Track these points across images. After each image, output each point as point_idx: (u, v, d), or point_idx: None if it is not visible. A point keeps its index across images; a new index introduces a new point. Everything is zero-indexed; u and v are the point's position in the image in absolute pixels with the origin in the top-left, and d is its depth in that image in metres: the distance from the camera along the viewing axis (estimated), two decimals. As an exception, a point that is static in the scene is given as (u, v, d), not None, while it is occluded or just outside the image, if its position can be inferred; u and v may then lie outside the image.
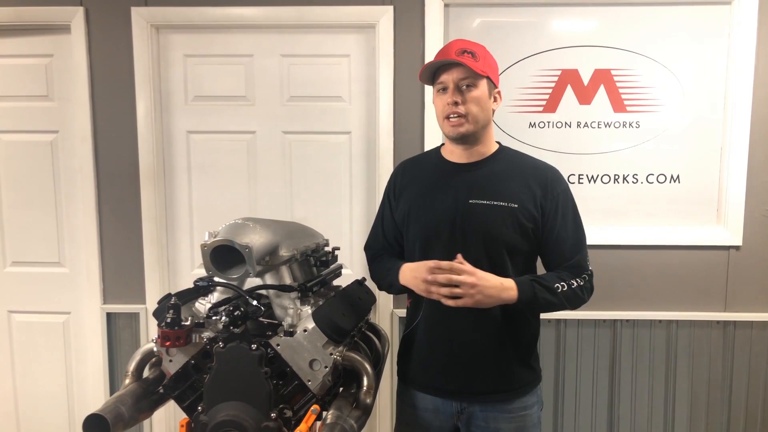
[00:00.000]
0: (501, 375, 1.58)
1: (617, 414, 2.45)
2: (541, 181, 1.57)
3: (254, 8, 2.33)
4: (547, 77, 2.34)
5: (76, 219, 2.48)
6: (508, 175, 1.58)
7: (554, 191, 1.57)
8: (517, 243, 1.54)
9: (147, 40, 2.35)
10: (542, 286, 1.50)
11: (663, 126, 2.34)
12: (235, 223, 1.39)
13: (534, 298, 1.49)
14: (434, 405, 1.62)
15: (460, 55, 1.51)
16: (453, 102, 1.52)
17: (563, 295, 1.51)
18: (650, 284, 2.39)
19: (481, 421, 1.59)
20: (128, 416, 1.30)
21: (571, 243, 1.57)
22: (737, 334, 2.41)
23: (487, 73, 1.53)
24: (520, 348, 1.60)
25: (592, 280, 1.58)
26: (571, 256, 1.56)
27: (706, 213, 2.38)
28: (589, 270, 1.57)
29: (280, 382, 1.31)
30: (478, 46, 1.56)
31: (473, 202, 1.55)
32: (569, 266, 1.56)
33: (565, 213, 1.57)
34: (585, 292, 1.56)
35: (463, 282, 1.42)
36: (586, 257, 1.58)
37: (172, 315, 1.27)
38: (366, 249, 1.83)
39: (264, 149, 2.45)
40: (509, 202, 1.54)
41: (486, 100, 1.54)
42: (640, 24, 2.30)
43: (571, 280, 1.53)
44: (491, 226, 1.53)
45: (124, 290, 2.47)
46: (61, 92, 2.44)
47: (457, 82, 1.51)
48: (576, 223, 1.59)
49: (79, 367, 2.57)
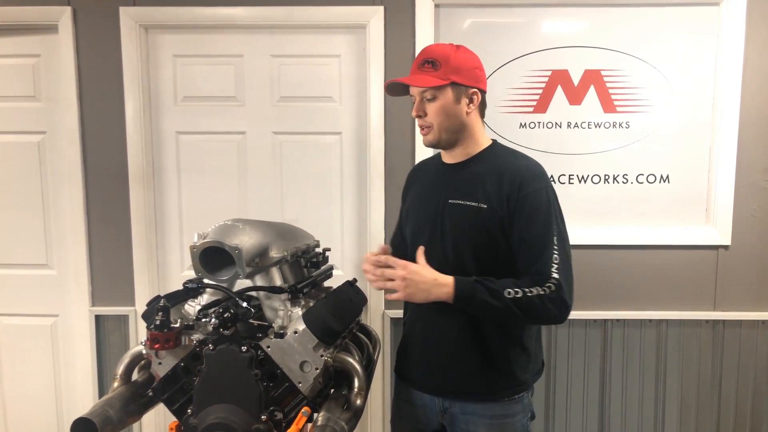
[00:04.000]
0: (470, 375, 1.55)
1: (608, 413, 2.46)
2: (514, 181, 1.50)
3: (244, 8, 2.32)
4: (537, 78, 2.35)
5: (64, 220, 2.46)
6: (487, 175, 1.54)
7: (524, 191, 1.48)
8: (485, 244, 1.51)
9: (135, 40, 2.33)
10: (486, 288, 1.42)
11: (652, 126, 2.35)
12: (224, 224, 1.38)
13: (472, 299, 1.42)
14: (422, 401, 1.64)
15: (421, 66, 1.53)
16: (417, 115, 1.56)
17: (513, 301, 1.39)
18: (640, 284, 2.41)
19: (461, 423, 1.58)
20: (117, 420, 1.29)
21: (534, 247, 1.46)
22: (726, 333, 2.43)
23: (451, 79, 1.50)
24: (490, 352, 1.55)
25: (563, 293, 1.41)
26: (534, 262, 1.45)
27: (696, 213, 2.39)
28: (553, 278, 1.41)
29: (271, 384, 1.30)
30: (444, 51, 1.52)
31: (452, 202, 1.56)
32: (533, 272, 1.44)
33: (532, 215, 1.47)
34: (548, 303, 1.40)
35: (394, 275, 1.44)
36: (552, 264, 1.42)
37: (162, 317, 1.26)
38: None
39: (254, 150, 2.43)
40: (479, 202, 1.51)
41: (451, 107, 1.52)
42: (630, 25, 2.31)
43: (529, 288, 1.41)
44: (461, 226, 1.54)
45: (112, 292, 2.45)
46: (49, 92, 2.42)
47: (421, 95, 1.54)
48: (546, 226, 1.46)
49: (67, 370, 2.54)
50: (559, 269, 1.43)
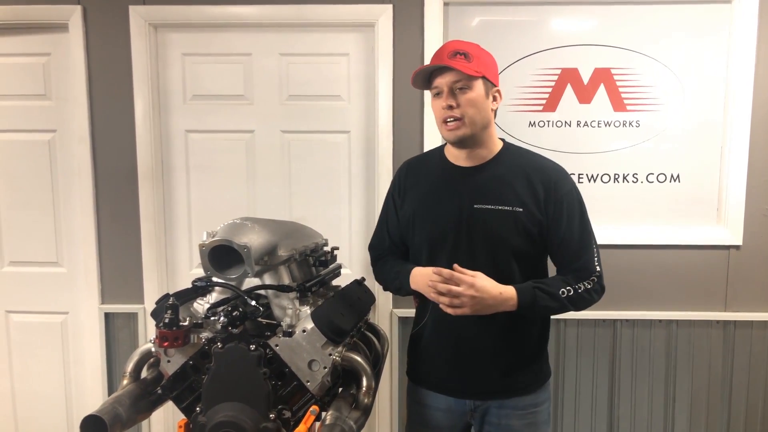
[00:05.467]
0: (508, 376, 1.58)
1: (617, 414, 2.45)
2: (545, 183, 1.54)
3: (253, 7, 2.32)
4: (546, 76, 2.33)
5: (74, 218, 2.47)
6: (512, 177, 1.55)
7: (558, 192, 1.54)
8: (524, 247, 1.53)
9: (145, 39, 2.34)
10: (545, 292, 1.48)
11: (663, 125, 2.34)
12: (233, 222, 1.38)
13: (534, 305, 1.48)
14: (446, 404, 1.63)
15: (452, 57, 1.48)
16: (447, 106, 1.50)
17: (568, 299, 1.50)
18: (650, 284, 2.39)
19: (493, 417, 1.60)
20: (126, 417, 1.29)
21: (576, 245, 1.55)
22: (737, 334, 2.41)
23: (482, 73, 1.50)
24: (526, 349, 1.60)
25: (602, 281, 1.56)
26: (578, 258, 1.54)
27: (707, 212, 2.37)
28: (597, 272, 1.55)
29: (279, 382, 1.30)
30: (472, 46, 1.53)
31: (478, 207, 1.53)
32: (576, 268, 1.54)
33: (571, 214, 1.54)
34: (593, 294, 1.54)
35: (462, 293, 1.42)
36: (593, 258, 1.55)
37: (171, 315, 1.26)
38: (370, 249, 1.83)
39: (263, 148, 2.44)
40: (514, 206, 1.52)
41: (482, 101, 1.51)
42: (641, 23, 2.30)
43: (577, 284, 1.51)
44: (496, 231, 1.52)
45: (122, 290, 2.46)
46: (59, 91, 2.43)
47: (451, 86, 1.49)
48: (583, 225, 1.56)
49: (77, 368, 2.56)
50: (598, 261, 1.56)
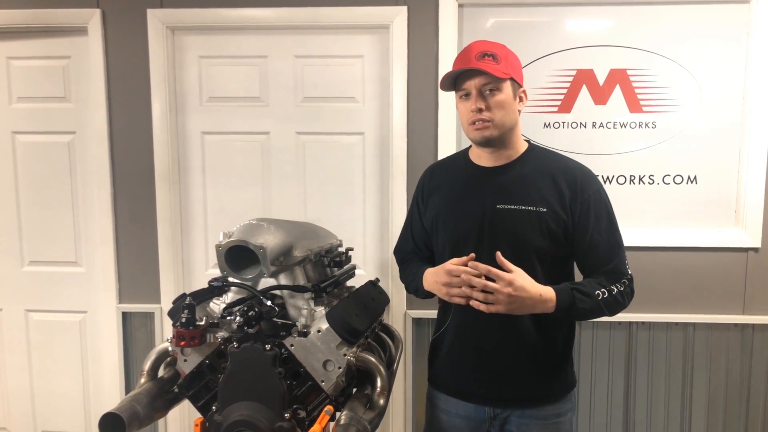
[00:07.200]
0: (533, 384, 1.55)
1: (633, 417, 2.43)
2: (570, 183, 1.51)
3: (268, 9, 2.34)
4: (561, 77, 2.32)
5: (93, 219, 2.51)
6: (537, 177, 1.53)
7: (585, 193, 1.51)
8: (547, 248, 1.50)
9: (162, 42, 2.37)
10: (582, 294, 1.45)
11: (680, 126, 2.31)
12: (249, 223, 1.39)
13: (572, 308, 1.44)
14: (465, 410, 1.60)
15: (480, 59, 1.47)
16: (477, 109, 1.48)
17: (603, 302, 1.46)
18: (667, 286, 2.37)
19: (513, 427, 1.56)
20: (144, 415, 1.31)
21: (606, 247, 1.52)
22: (756, 337, 2.37)
23: (510, 75, 1.49)
24: (553, 356, 1.56)
25: (633, 284, 1.53)
26: (609, 261, 1.51)
27: (724, 214, 2.34)
28: (628, 274, 1.52)
29: (294, 382, 1.31)
30: (499, 47, 1.52)
31: (501, 207, 1.52)
32: (607, 271, 1.51)
33: (598, 215, 1.51)
34: (626, 298, 1.51)
35: (499, 290, 1.37)
36: (625, 261, 1.53)
37: (187, 315, 1.28)
38: (395, 253, 1.83)
39: (278, 150, 2.45)
40: (537, 206, 1.49)
41: (511, 103, 1.50)
42: (657, 23, 2.28)
43: (611, 286, 1.48)
44: (519, 231, 1.50)
45: (139, 290, 2.49)
46: (79, 93, 2.47)
47: (480, 88, 1.48)
48: (611, 226, 1.53)
49: (94, 366, 2.59)
50: (629, 264, 1.54)
